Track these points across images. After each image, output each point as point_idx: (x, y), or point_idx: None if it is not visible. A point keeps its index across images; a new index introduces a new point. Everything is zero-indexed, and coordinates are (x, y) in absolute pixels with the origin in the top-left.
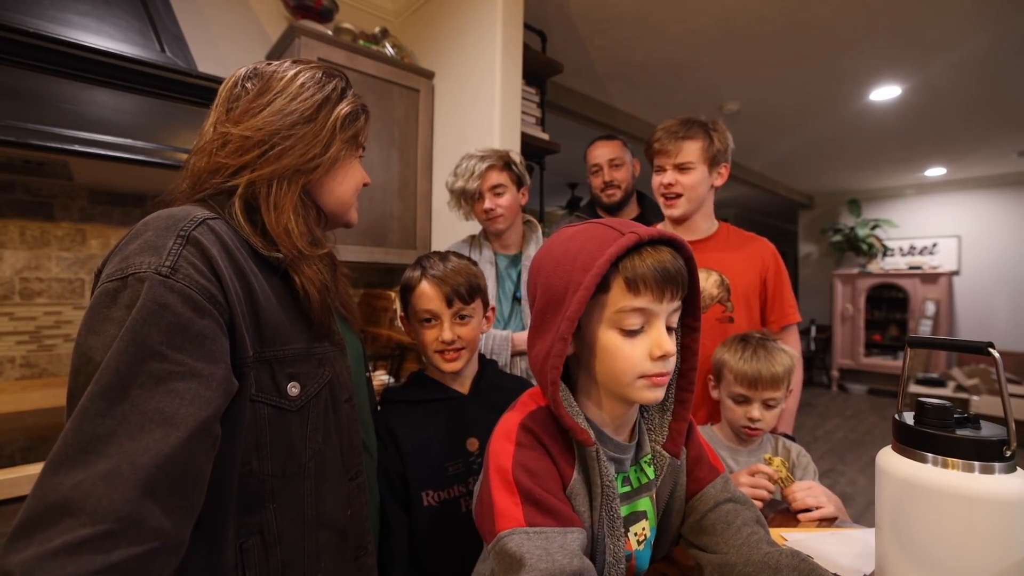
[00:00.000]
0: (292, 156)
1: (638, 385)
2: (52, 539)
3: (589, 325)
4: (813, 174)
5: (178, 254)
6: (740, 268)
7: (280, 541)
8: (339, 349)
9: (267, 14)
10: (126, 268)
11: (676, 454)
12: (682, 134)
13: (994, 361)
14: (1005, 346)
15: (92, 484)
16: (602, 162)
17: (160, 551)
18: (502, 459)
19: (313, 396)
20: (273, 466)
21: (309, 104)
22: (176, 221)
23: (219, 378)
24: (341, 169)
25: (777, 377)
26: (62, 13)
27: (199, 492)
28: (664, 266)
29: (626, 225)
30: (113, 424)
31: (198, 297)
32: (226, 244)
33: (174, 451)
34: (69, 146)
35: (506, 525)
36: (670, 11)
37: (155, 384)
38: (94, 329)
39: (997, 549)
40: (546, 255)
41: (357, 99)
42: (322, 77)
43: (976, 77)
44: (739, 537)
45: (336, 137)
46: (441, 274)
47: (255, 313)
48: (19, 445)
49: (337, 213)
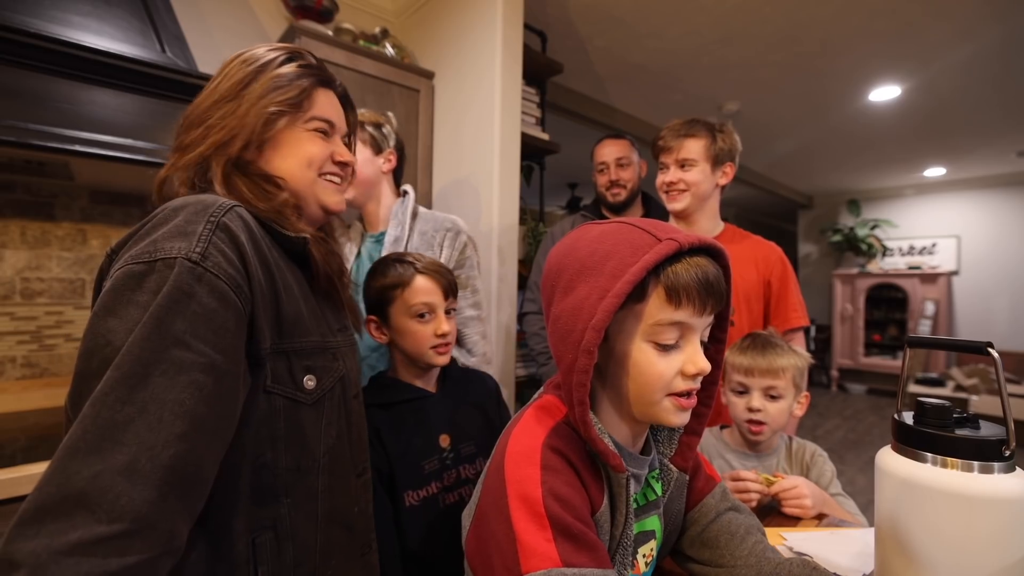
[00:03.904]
0: (216, 133)
1: (665, 405)
2: (66, 532)
3: (618, 336)
4: (813, 174)
5: (208, 240)
6: (743, 269)
7: (293, 536)
8: (350, 345)
9: (267, 14)
10: (155, 252)
11: (685, 469)
12: (685, 132)
13: (993, 361)
14: (1004, 346)
15: (111, 478)
16: (609, 160)
17: (167, 554)
18: (527, 487)
19: (328, 390)
20: (288, 460)
21: (233, 81)
22: (207, 207)
23: (234, 376)
24: (285, 143)
25: (776, 366)
26: (62, 13)
27: (204, 495)
28: (707, 277)
29: (661, 229)
30: (132, 411)
31: (225, 287)
32: (252, 232)
33: (189, 452)
34: (70, 146)
35: (537, 565)
36: (670, 11)
37: (177, 372)
38: (115, 312)
39: (996, 549)
40: (569, 253)
41: (304, 69)
42: (263, 54)
43: (976, 77)
44: (744, 548)
45: (254, 108)
46: (433, 267)
47: (276, 304)
48: (20, 445)
49: (297, 193)
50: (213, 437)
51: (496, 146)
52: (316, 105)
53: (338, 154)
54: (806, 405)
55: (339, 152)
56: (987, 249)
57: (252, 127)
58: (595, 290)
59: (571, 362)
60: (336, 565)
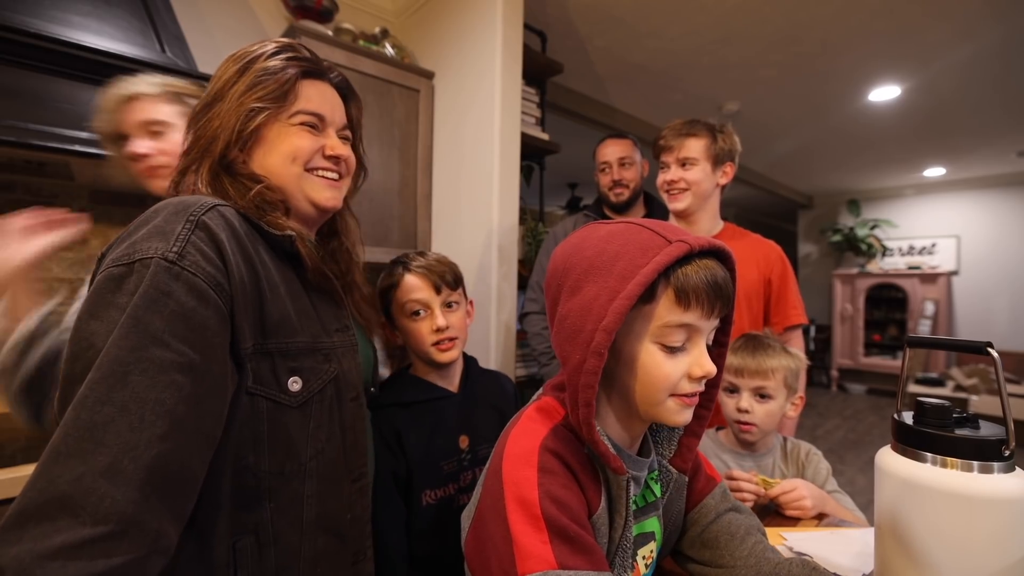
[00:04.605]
0: (203, 135)
1: (669, 405)
2: (50, 536)
3: (626, 337)
4: (813, 174)
5: (186, 239)
6: (743, 267)
7: (275, 542)
8: (349, 346)
9: (267, 14)
10: (133, 253)
11: (684, 470)
12: (686, 131)
13: (993, 361)
14: (1004, 346)
15: (94, 480)
16: (611, 160)
17: (155, 554)
18: (523, 489)
19: (316, 392)
20: (271, 463)
21: (221, 81)
22: (187, 206)
23: (216, 375)
24: (269, 139)
25: (765, 367)
26: (62, 13)
27: (192, 495)
28: (716, 280)
29: (668, 230)
30: (112, 411)
31: (203, 285)
32: (235, 230)
33: (172, 452)
34: (70, 146)
35: (533, 568)
36: (670, 11)
37: (157, 372)
38: (96, 314)
39: (996, 549)
40: (576, 253)
41: (290, 62)
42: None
43: (976, 77)
44: (744, 548)
45: (234, 107)
46: (424, 264)
47: (260, 303)
48: (19, 445)
49: (283, 189)
50: (197, 436)
51: (496, 146)
52: (301, 98)
53: (329, 147)
54: (801, 406)
55: (330, 145)
56: (987, 249)
57: (232, 126)
58: (604, 291)
59: (579, 363)
60: (323, 572)
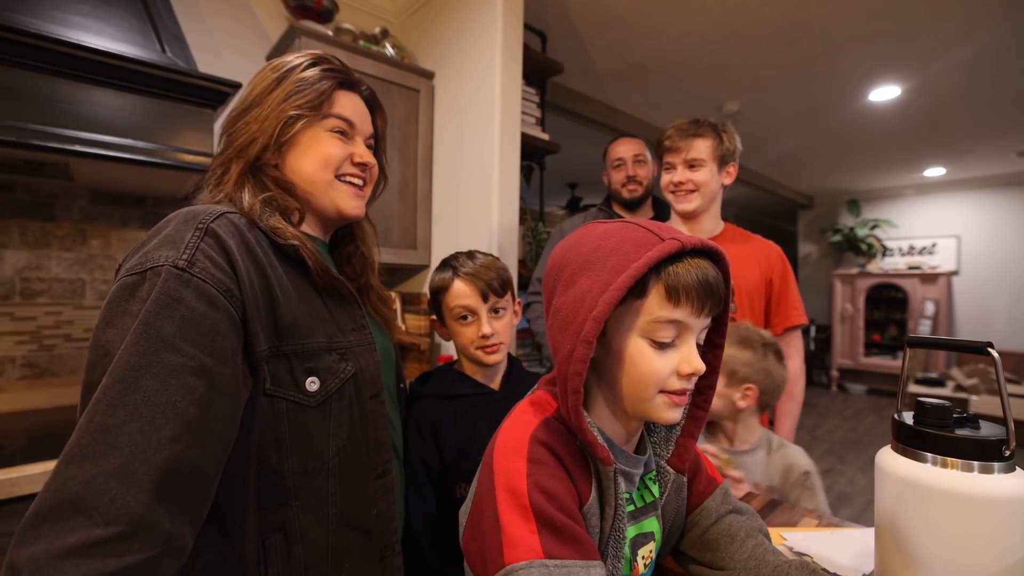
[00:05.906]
0: (239, 138)
1: (658, 402)
2: (63, 536)
3: (616, 331)
4: (813, 174)
5: (196, 247)
6: (745, 268)
7: (303, 539)
8: (366, 344)
9: (267, 14)
10: (145, 262)
11: (682, 470)
12: (693, 132)
13: (993, 361)
14: (1004, 346)
15: (106, 482)
16: (626, 157)
17: (167, 555)
18: (513, 479)
19: (335, 391)
20: (294, 463)
21: (260, 88)
22: (196, 215)
23: (227, 378)
24: (303, 144)
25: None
26: (62, 13)
27: (206, 497)
28: (707, 278)
29: (663, 229)
30: (124, 415)
31: (213, 291)
32: (244, 237)
33: (184, 454)
34: (69, 146)
35: (520, 556)
36: (670, 11)
37: (168, 376)
38: (111, 322)
39: (996, 549)
40: (572, 249)
41: (326, 72)
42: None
43: (976, 77)
44: (744, 550)
45: (274, 112)
46: (473, 271)
47: (272, 306)
48: (20, 445)
49: (311, 195)
50: (209, 438)
51: (496, 146)
52: (336, 106)
53: (357, 155)
54: (753, 398)
55: (358, 152)
56: (987, 249)
57: (271, 130)
58: (597, 283)
59: (569, 351)
60: (350, 568)
